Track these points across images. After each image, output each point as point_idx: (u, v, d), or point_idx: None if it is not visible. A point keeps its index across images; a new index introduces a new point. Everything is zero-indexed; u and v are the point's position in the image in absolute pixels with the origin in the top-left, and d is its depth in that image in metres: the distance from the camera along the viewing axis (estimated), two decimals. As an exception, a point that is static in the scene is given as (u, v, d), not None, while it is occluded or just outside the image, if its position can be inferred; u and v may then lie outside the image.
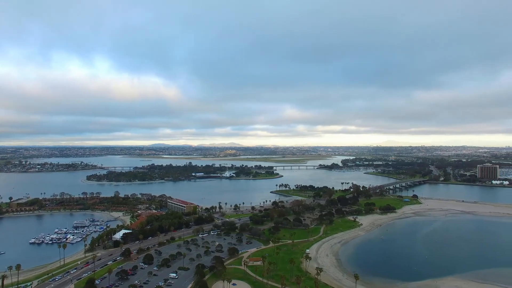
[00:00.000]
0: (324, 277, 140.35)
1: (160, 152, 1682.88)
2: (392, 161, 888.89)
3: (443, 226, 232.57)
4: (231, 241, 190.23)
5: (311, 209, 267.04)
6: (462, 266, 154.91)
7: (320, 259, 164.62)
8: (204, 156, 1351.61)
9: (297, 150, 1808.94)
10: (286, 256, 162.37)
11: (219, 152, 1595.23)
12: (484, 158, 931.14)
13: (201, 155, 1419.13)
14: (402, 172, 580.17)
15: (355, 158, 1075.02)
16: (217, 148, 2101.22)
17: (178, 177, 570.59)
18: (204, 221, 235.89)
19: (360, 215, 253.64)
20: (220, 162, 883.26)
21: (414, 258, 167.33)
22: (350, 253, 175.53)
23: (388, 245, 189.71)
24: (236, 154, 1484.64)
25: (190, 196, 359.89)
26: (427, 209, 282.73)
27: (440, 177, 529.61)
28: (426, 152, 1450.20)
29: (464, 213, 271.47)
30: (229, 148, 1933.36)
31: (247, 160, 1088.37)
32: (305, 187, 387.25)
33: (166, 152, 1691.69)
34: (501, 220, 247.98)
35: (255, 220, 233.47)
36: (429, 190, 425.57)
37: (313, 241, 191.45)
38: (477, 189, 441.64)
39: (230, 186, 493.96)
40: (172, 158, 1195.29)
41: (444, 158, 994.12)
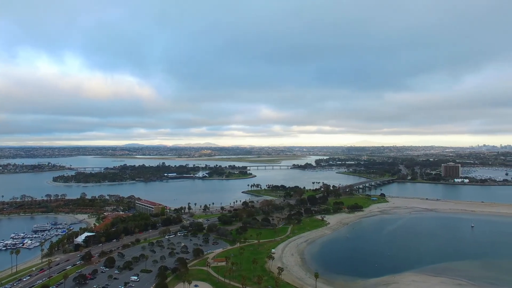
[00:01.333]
0: (287, 276, 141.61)
1: (133, 152, 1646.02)
2: (364, 161, 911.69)
3: (407, 224, 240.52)
4: (197, 242, 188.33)
5: (281, 208, 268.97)
6: (420, 261, 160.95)
7: (285, 258, 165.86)
8: (179, 156, 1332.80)
9: (272, 150, 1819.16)
10: (251, 256, 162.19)
11: (194, 152, 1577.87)
12: (450, 158, 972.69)
13: (175, 155, 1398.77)
14: (372, 172, 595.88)
15: (329, 158, 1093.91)
16: (193, 148, 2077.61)
17: (150, 178, 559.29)
18: (171, 222, 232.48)
19: (328, 214, 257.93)
20: (194, 162, 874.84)
21: (377, 255, 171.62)
22: (315, 252, 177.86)
23: (353, 243, 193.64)
24: (212, 154, 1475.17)
25: (161, 197, 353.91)
26: (393, 207, 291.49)
27: (408, 176, 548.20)
28: (397, 152, 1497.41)
29: (427, 211, 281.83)
30: (205, 148, 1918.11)
31: (222, 160, 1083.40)
32: (277, 187, 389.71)
33: (140, 152, 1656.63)
34: (459, 216, 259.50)
35: (224, 221, 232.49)
36: (397, 188, 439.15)
37: (279, 241, 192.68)
38: (441, 187, 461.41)
39: (203, 186, 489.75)
40: (146, 158, 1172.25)
41: (414, 158, 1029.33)
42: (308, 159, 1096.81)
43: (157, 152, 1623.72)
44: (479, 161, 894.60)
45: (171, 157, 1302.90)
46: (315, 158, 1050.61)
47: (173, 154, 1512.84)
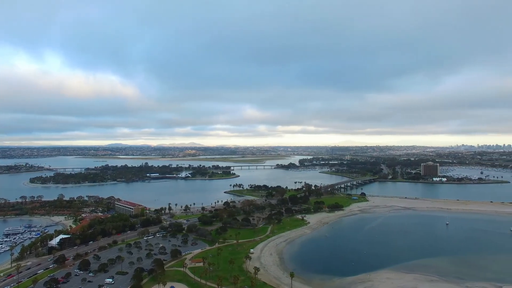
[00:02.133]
0: (264, 276, 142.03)
1: (116, 152, 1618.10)
2: (347, 161, 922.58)
3: (385, 222, 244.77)
4: (176, 243, 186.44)
5: (262, 208, 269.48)
6: (395, 258, 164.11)
7: (263, 258, 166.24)
8: (163, 156, 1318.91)
9: (257, 150, 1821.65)
10: (230, 256, 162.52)
11: (178, 152, 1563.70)
12: (430, 157, 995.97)
13: (159, 155, 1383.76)
14: (354, 171, 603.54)
15: (313, 157, 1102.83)
16: (177, 148, 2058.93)
17: (132, 178, 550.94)
18: (151, 223, 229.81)
19: (309, 213, 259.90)
20: (178, 163, 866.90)
21: (354, 253, 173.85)
22: (294, 252, 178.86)
23: (332, 242, 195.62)
24: (196, 154, 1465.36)
25: (142, 197, 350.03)
26: (372, 206, 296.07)
27: (389, 175, 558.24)
28: (379, 152, 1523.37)
29: (406, 209, 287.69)
30: (189, 148, 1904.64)
31: (206, 160, 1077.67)
32: (259, 187, 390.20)
33: (123, 152, 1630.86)
34: (435, 214, 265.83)
35: (204, 221, 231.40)
36: (378, 188, 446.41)
37: (259, 241, 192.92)
38: (420, 186, 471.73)
39: (185, 186, 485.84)
40: (129, 159, 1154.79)
41: (395, 157, 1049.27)
42: (292, 159, 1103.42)
43: (141, 152, 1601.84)
44: (457, 161, 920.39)
45: (154, 157, 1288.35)
46: (299, 158, 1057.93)
47: (157, 154, 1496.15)
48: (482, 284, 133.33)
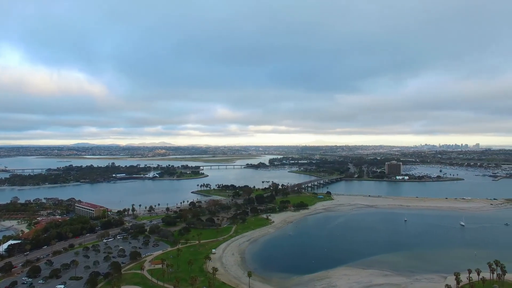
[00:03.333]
0: (224, 276, 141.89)
1: (83, 152, 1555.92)
2: (316, 160, 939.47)
3: (347, 220, 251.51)
4: (136, 245, 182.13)
5: (227, 208, 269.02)
6: (354, 255, 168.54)
7: (224, 258, 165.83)
8: (131, 156, 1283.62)
9: (228, 149, 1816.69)
10: (191, 257, 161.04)
11: (147, 152, 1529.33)
12: (395, 156, 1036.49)
13: (128, 155, 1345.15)
14: (322, 170, 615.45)
15: (283, 157, 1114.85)
16: (147, 148, 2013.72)
17: (97, 179, 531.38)
18: (112, 225, 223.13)
19: (274, 212, 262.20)
20: (147, 162, 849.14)
21: (315, 251, 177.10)
22: (256, 251, 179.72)
23: (294, 240, 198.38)
24: (166, 154, 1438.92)
25: (106, 198, 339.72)
26: (337, 205, 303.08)
27: (355, 174, 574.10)
28: (349, 151, 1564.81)
29: (368, 207, 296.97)
30: (159, 148, 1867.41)
31: (176, 160, 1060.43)
32: (226, 187, 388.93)
33: (89, 152, 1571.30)
34: (395, 211, 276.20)
35: (167, 222, 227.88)
36: (344, 186, 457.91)
37: (222, 241, 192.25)
38: (384, 184, 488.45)
39: (152, 187, 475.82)
40: (95, 159, 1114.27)
41: (363, 157, 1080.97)
42: (263, 158, 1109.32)
43: (109, 152, 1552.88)
44: (420, 159, 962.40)
45: (123, 157, 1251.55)
46: (270, 158, 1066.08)
47: (125, 154, 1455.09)
48: (430, 276, 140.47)
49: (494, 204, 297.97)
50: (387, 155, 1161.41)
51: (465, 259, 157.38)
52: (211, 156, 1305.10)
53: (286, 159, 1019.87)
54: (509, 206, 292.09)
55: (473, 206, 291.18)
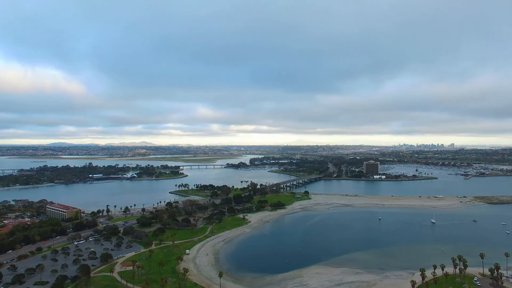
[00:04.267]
0: (196, 277, 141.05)
1: (59, 152, 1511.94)
2: (296, 160, 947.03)
3: (323, 219, 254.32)
4: (109, 247, 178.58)
5: (205, 208, 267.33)
6: (328, 254, 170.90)
7: (198, 258, 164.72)
8: (110, 156, 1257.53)
9: (209, 149, 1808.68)
10: (165, 258, 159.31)
11: (127, 152, 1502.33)
12: (375, 156, 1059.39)
13: (107, 155, 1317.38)
14: (302, 170, 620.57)
15: (264, 157, 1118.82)
16: (127, 147, 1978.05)
17: (72, 180, 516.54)
18: (85, 227, 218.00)
19: (251, 212, 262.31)
20: (126, 162, 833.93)
21: (289, 251, 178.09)
22: (231, 251, 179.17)
23: (270, 240, 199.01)
24: (146, 154, 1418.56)
25: (82, 199, 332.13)
26: (314, 204, 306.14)
27: (334, 173, 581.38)
28: (329, 151, 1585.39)
29: (345, 206, 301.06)
30: (140, 148, 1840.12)
31: (157, 160, 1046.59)
32: (205, 187, 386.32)
33: (66, 152, 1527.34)
34: (370, 210, 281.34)
35: (142, 222, 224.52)
36: (323, 186, 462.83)
37: (197, 241, 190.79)
38: (362, 183, 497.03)
39: (130, 187, 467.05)
40: (72, 159, 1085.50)
41: (343, 156, 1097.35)
42: (244, 158, 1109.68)
43: (87, 152, 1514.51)
44: (397, 159, 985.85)
45: (101, 157, 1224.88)
46: (251, 157, 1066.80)
47: (104, 153, 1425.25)
48: (399, 273, 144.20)
49: (463, 201, 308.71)
50: (367, 154, 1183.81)
51: (433, 255, 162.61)
52: (192, 156, 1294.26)
53: (267, 158, 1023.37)
54: (477, 203, 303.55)
55: (444, 204, 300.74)
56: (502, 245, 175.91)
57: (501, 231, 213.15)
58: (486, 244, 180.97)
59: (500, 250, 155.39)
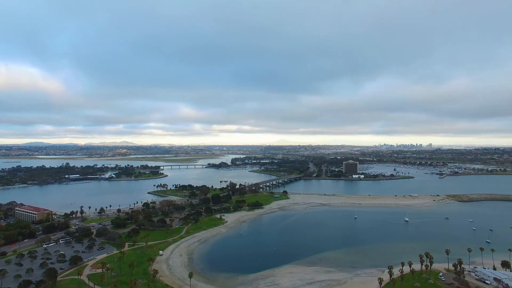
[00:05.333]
0: (168, 278, 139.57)
1: (35, 152, 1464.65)
2: (278, 160, 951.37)
3: (300, 218, 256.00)
4: (80, 249, 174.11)
5: (182, 208, 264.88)
6: (302, 253, 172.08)
7: (172, 259, 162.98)
8: (89, 156, 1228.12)
9: (191, 149, 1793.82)
10: (137, 260, 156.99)
11: (107, 152, 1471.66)
12: (355, 156, 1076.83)
13: (86, 155, 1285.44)
14: (283, 170, 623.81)
15: (245, 157, 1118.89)
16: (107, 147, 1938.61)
17: (47, 180, 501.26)
18: (56, 229, 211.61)
19: (228, 212, 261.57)
20: (105, 162, 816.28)
21: (264, 250, 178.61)
22: (205, 251, 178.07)
23: (245, 240, 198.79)
24: (127, 154, 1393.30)
25: (57, 201, 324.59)
26: (292, 204, 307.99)
27: (314, 173, 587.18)
28: (311, 151, 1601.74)
29: (322, 205, 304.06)
30: (121, 147, 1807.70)
31: (137, 159, 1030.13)
32: (184, 187, 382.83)
33: (43, 152, 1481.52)
34: (347, 209, 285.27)
35: (117, 224, 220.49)
36: (303, 185, 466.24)
37: (171, 242, 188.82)
38: (341, 182, 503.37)
39: (108, 188, 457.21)
40: (49, 159, 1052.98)
41: (324, 156, 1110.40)
42: (226, 158, 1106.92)
43: (65, 152, 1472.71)
44: (377, 159, 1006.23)
45: (80, 157, 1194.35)
46: (233, 157, 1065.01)
47: (83, 153, 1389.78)
48: (369, 271, 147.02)
49: (436, 200, 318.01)
50: (348, 154, 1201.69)
51: (404, 252, 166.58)
52: (174, 156, 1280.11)
53: (248, 158, 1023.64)
54: (448, 202, 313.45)
55: (418, 202, 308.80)
56: (468, 241, 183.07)
57: (469, 228, 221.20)
58: (453, 240, 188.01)
59: (465, 246, 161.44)
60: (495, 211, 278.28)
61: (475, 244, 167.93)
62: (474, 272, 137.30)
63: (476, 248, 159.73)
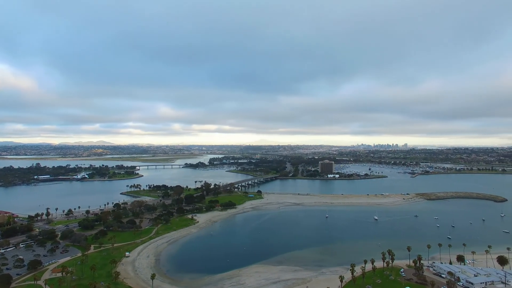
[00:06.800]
0: (132, 280, 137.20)
1: (3, 152, 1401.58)
2: (256, 159, 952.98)
3: (272, 218, 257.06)
4: (41, 253, 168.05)
5: (153, 209, 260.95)
6: (270, 252, 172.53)
7: (138, 261, 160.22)
8: (63, 156, 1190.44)
9: (170, 149, 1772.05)
10: (102, 262, 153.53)
11: (82, 152, 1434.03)
12: (333, 156, 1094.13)
13: (59, 155, 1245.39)
14: (260, 169, 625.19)
15: (224, 156, 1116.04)
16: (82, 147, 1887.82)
17: (13, 182, 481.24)
18: (18, 232, 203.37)
19: (200, 212, 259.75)
20: (79, 163, 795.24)
21: (233, 250, 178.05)
22: (174, 252, 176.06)
23: (215, 240, 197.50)
24: (103, 154, 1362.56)
25: (22, 203, 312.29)
26: (265, 203, 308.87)
27: (290, 173, 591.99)
28: (290, 151, 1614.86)
29: (295, 205, 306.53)
30: (97, 147, 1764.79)
31: (113, 159, 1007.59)
32: (158, 187, 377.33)
33: (13, 152, 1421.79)
34: (319, 208, 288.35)
35: (85, 225, 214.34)
36: (279, 185, 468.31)
37: (140, 243, 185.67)
38: (317, 182, 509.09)
39: (80, 189, 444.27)
40: (18, 159, 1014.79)
41: (302, 156, 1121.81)
42: (204, 158, 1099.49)
43: (37, 152, 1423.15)
44: (353, 158, 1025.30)
45: (53, 157, 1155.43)
46: (211, 157, 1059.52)
47: (57, 153, 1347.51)
48: (335, 269, 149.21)
49: (406, 198, 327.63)
50: (326, 154, 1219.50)
51: (370, 250, 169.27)
52: (151, 156, 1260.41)
53: (226, 158, 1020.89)
54: (417, 200, 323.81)
55: (388, 201, 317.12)
56: (431, 237, 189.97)
57: (433, 225, 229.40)
58: (418, 237, 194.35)
59: (429, 242, 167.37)
60: (458, 208, 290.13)
61: (438, 240, 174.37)
62: (432, 267, 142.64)
63: (438, 244, 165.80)
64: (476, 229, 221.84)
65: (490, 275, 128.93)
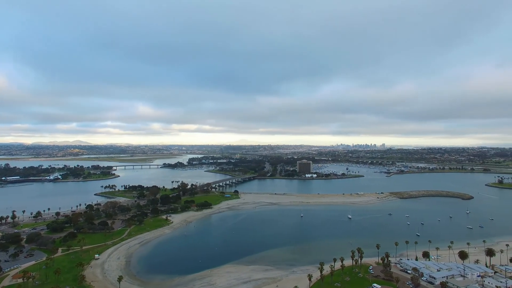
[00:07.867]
0: (100, 283, 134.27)
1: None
2: (235, 159, 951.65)
3: (247, 218, 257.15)
4: (2, 258, 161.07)
5: (127, 210, 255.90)
6: (243, 252, 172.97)
7: (108, 263, 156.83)
8: (36, 156, 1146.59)
9: (149, 149, 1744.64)
10: (69, 265, 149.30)
11: (57, 152, 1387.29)
12: (312, 155, 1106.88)
13: (31, 155, 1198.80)
14: (238, 169, 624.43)
15: (203, 156, 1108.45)
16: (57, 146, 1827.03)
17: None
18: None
19: (175, 213, 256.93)
20: (53, 163, 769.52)
21: (206, 251, 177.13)
22: (145, 254, 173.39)
23: (188, 241, 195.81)
24: (79, 154, 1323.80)
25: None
26: (242, 203, 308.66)
27: (269, 172, 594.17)
28: (270, 150, 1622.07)
29: (271, 204, 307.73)
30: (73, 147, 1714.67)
31: (90, 160, 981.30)
32: (134, 187, 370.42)
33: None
34: (295, 208, 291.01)
35: (53, 228, 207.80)
36: (257, 185, 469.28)
37: (111, 245, 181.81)
38: (295, 182, 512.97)
39: (52, 190, 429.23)
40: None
41: (281, 156, 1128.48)
42: (183, 157, 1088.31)
43: (7, 152, 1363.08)
44: (332, 158, 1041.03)
45: (25, 157, 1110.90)
46: (190, 157, 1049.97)
47: (29, 153, 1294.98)
48: (306, 268, 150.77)
49: (380, 197, 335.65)
50: (305, 154, 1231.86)
51: (341, 249, 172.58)
52: (129, 156, 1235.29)
53: (206, 158, 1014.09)
54: (391, 199, 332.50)
55: (363, 200, 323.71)
56: (402, 235, 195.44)
57: (404, 223, 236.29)
58: (389, 235, 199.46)
59: (399, 240, 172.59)
60: (429, 206, 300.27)
61: (407, 238, 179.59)
62: (399, 263, 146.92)
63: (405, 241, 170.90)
64: (443, 226, 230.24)
65: (451, 269, 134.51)
